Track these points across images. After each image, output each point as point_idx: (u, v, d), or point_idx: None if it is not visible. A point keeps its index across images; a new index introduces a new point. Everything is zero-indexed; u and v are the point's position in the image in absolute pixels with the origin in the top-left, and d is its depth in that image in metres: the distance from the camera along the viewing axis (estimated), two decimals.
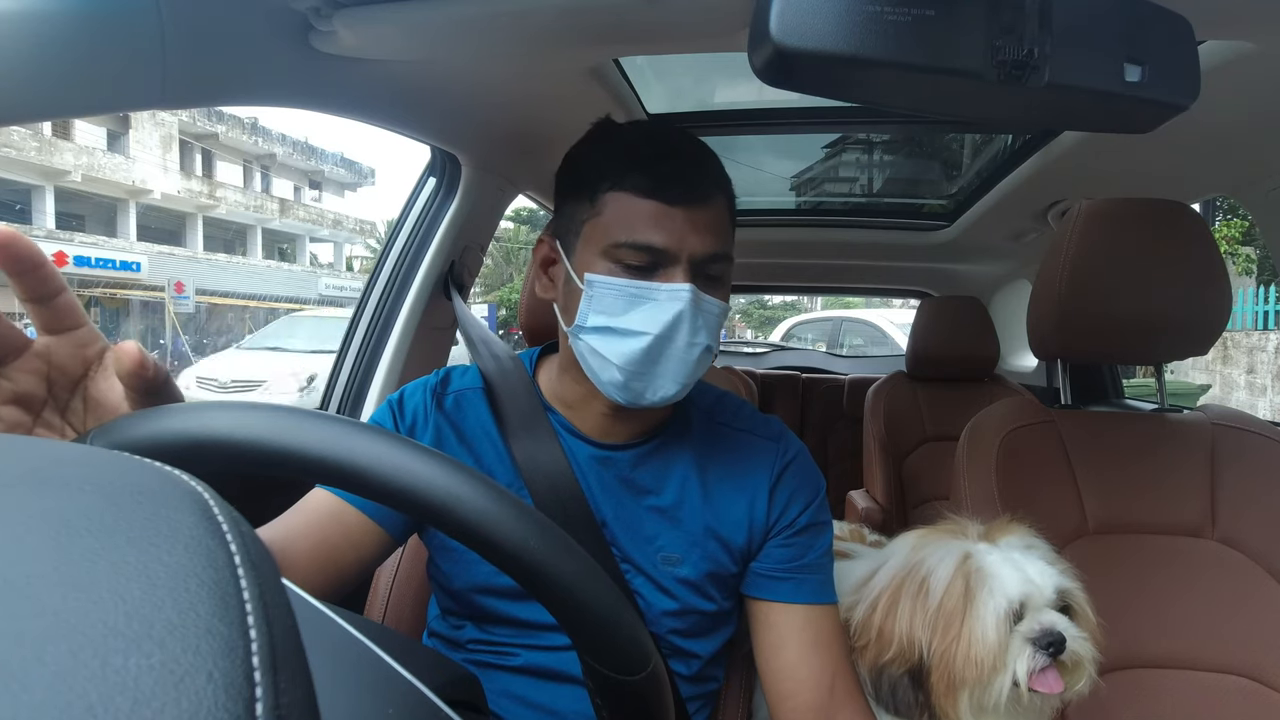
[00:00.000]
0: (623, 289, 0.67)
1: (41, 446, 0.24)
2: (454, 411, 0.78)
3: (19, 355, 0.41)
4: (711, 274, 0.70)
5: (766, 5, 0.46)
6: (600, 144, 0.73)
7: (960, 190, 1.98)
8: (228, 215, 19.01)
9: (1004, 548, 0.82)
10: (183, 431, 0.35)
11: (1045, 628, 0.75)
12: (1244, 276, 7.78)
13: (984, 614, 0.75)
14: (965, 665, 0.74)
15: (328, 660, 0.32)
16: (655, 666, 0.40)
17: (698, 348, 0.68)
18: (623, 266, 0.67)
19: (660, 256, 0.67)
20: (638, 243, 0.66)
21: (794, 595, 0.76)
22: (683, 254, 0.67)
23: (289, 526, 0.68)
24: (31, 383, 0.42)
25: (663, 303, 0.66)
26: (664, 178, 0.67)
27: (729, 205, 0.73)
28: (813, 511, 0.79)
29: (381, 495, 0.35)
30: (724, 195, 0.72)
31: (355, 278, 20.77)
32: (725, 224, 0.71)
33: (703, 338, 0.68)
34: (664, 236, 0.66)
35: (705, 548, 0.75)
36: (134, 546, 0.18)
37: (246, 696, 0.16)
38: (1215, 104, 0.92)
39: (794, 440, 0.82)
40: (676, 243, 0.66)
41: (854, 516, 2.03)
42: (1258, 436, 1.06)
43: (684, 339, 0.67)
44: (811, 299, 16.65)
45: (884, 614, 0.81)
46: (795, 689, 0.73)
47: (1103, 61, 0.50)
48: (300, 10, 0.78)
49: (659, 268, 0.67)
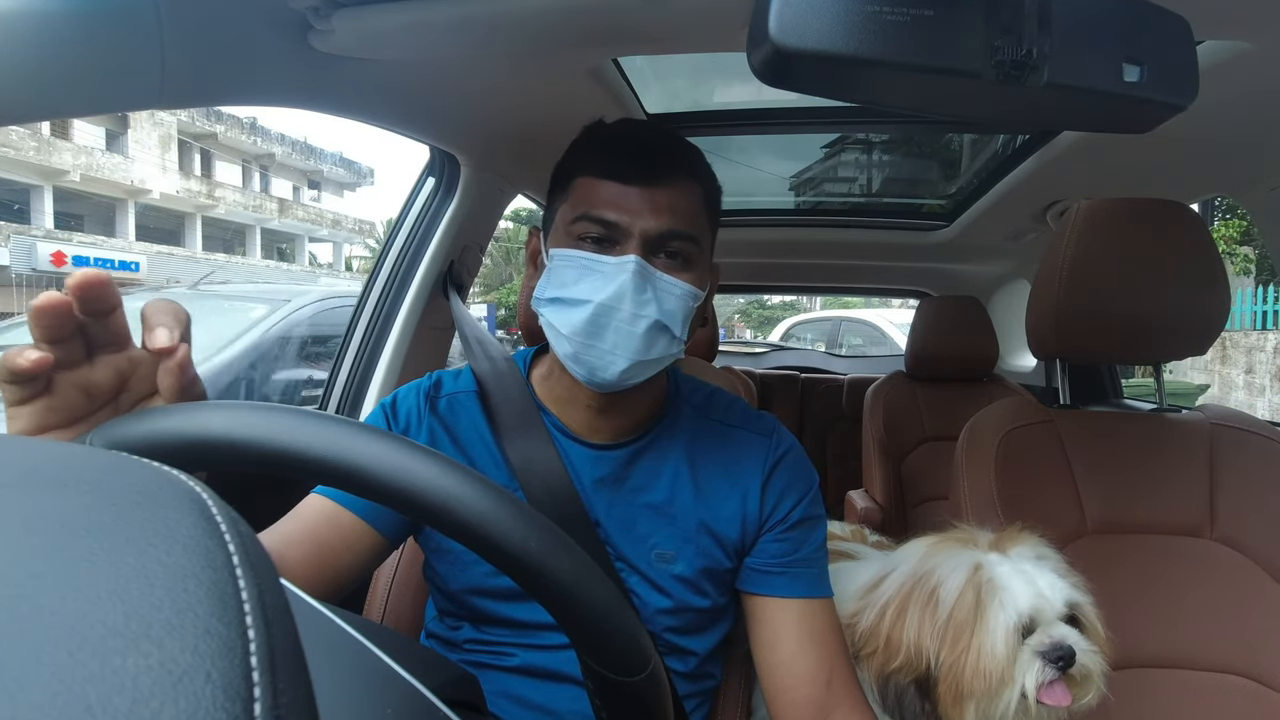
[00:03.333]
0: (575, 260, 0.69)
1: (41, 447, 0.24)
2: (447, 414, 0.78)
3: (115, 352, 0.42)
4: (672, 250, 0.70)
5: (765, 5, 0.46)
6: (580, 142, 0.76)
7: (959, 190, 1.98)
8: (227, 215, 19.00)
9: (1015, 558, 0.82)
10: (181, 432, 0.35)
11: (1055, 641, 0.75)
12: (1242, 276, 7.79)
13: (994, 627, 0.75)
14: (974, 677, 0.74)
15: (326, 660, 0.32)
16: (654, 667, 0.40)
17: (644, 320, 0.68)
18: (582, 241, 0.70)
19: (614, 231, 0.69)
20: (591, 215, 0.69)
21: (789, 590, 0.76)
22: (634, 229, 0.68)
23: (285, 532, 0.69)
24: (109, 378, 0.42)
25: (608, 274, 0.68)
26: (622, 159, 0.70)
27: (703, 193, 0.74)
28: (806, 506, 0.79)
29: (382, 496, 0.35)
30: (695, 181, 0.73)
31: (354, 278, 20.75)
32: (692, 207, 0.72)
33: (650, 310, 0.68)
34: (616, 212, 0.69)
35: (699, 544, 0.75)
36: (132, 546, 0.18)
37: (245, 696, 0.16)
38: (1214, 104, 0.92)
39: (786, 435, 0.82)
40: (629, 219, 0.68)
41: (853, 516, 2.04)
42: (1257, 436, 1.06)
43: (628, 309, 0.67)
44: (810, 299, 16.66)
45: (892, 622, 0.81)
46: (792, 683, 0.73)
47: (1101, 61, 0.50)
48: (299, 9, 0.78)
49: (614, 244, 0.69)
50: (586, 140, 0.75)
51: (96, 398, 0.42)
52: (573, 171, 0.73)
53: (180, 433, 0.35)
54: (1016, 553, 0.83)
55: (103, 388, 0.42)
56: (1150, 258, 1.01)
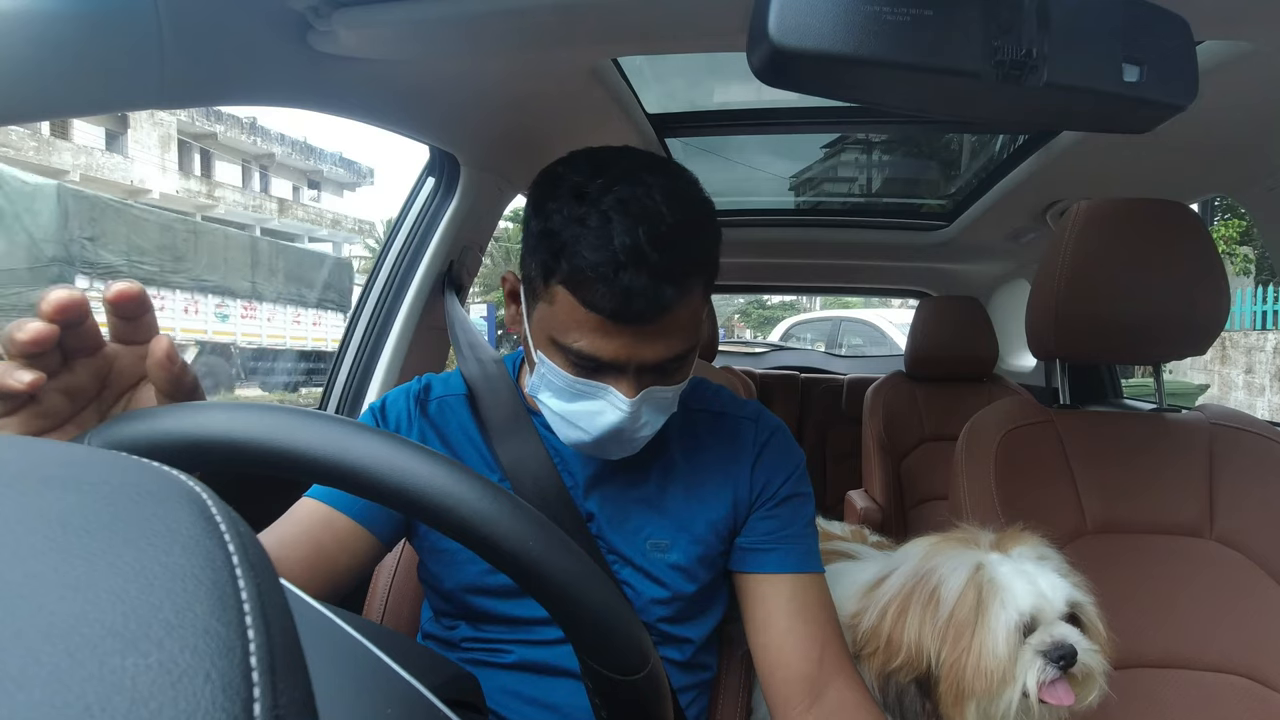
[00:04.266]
0: (568, 383, 0.66)
1: (39, 446, 0.24)
2: (437, 417, 0.79)
3: (90, 355, 0.42)
4: (669, 369, 0.67)
5: (765, 5, 0.46)
6: (563, 212, 0.62)
7: (959, 190, 1.98)
8: (226, 215, 18.96)
9: (1016, 558, 0.82)
10: (182, 431, 0.35)
11: (1057, 640, 0.76)
12: (1242, 276, 7.79)
13: (995, 626, 0.75)
14: (975, 676, 0.74)
15: (326, 661, 0.32)
16: (654, 666, 0.40)
17: (645, 432, 0.69)
18: (569, 361, 0.65)
19: (605, 366, 0.64)
20: (581, 352, 0.63)
21: (780, 565, 0.76)
22: (630, 365, 0.64)
23: (280, 535, 0.69)
24: (88, 379, 0.42)
25: (603, 411, 0.66)
26: (617, 301, 0.60)
27: (704, 289, 0.67)
28: (793, 483, 0.80)
29: (380, 495, 0.35)
30: (698, 287, 0.65)
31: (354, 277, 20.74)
32: (692, 320, 0.66)
33: (648, 429, 0.69)
34: (612, 349, 0.63)
35: (693, 531, 0.76)
36: (131, 546, 0.17)
37: (244, 697, 0.16)
38: (1213, 104, 0.92)
39: (770, 417, 0.83)
40: (625, 355, 0.63)
41: (853, 516, 2.04)
42: (1256, 436, 1.06)
43: (628, 434, 0.68)
44: (810, 299, 16.65)
45: (893, 622, 0.81)
46: (784, 659, 0.73)
47: (1101, 61, 0.50)
48: (298, 9, 0.78)
49: (605, 371, 0.65)
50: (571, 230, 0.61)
51: (79, 399, 0.43)
52: (552, 261, 0.62)
53: (181, 432, 0.35)
54: (1018, 553, 0.83)
55: (84, 389, 0.42)
56: (1150, 258, 1.01)
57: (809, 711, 0.71)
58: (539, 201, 0.65)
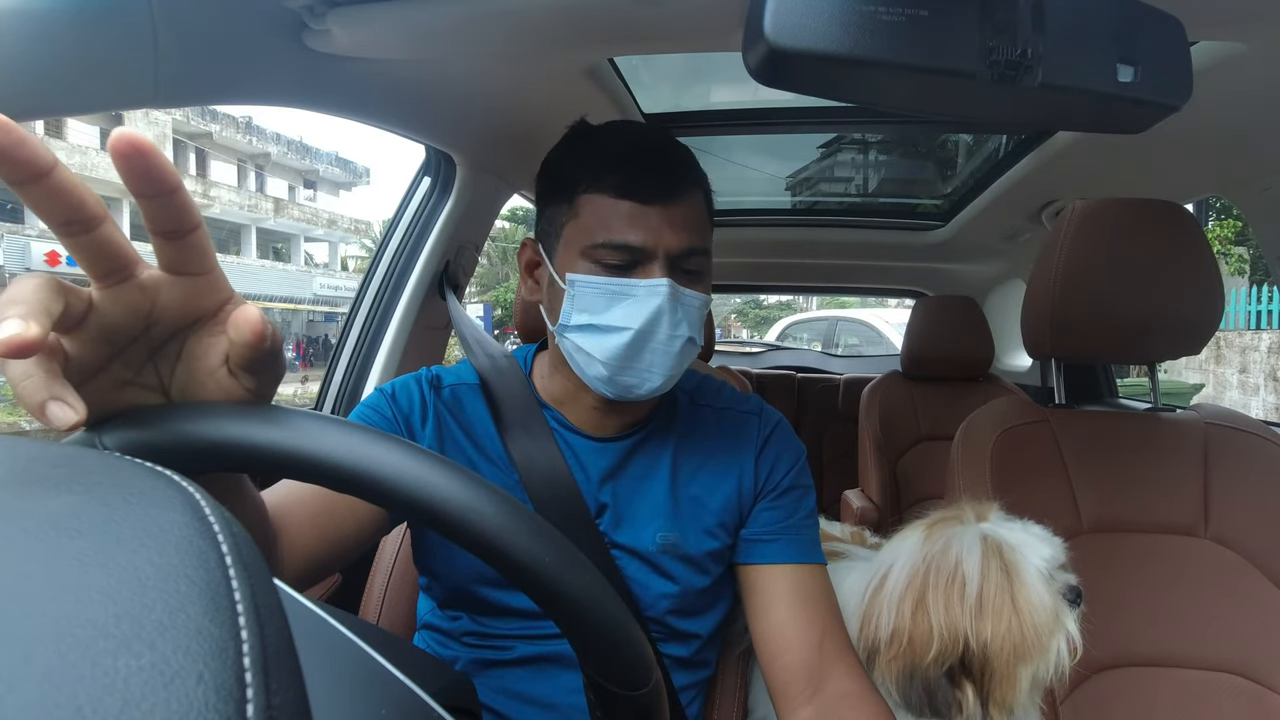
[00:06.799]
0: (603, 287, 0.69)
1: (32, 447, 0.24)
2: (451, 403, 0.79)
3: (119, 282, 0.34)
4: (689, 268, 0.72)
5: (760, 5, 0.46)
6: (575, 147, 0.75)
7: (955, 190, 1.98)
8: (222, 214, 18.93)
9: (1003, 522, 0.86)
10: (194, 434, 0.35)
11: (1070, 584, 0.81)
12: (1237, 276, 7.83)
13: (1031, 580, 0.79)
14: (1030, 634, 0.77)
15: (320, 662, 0.32)
16: (657, 682, 0.40)
17: (679, 339, 0.70)
18: (602, 265, 0.70)
19: (638, 254, 0.69)
20: (615, 242, 0.69)
21: (782, 555, 0.77)
22: (659, 250, 0.69)
23: (290, 489, 0.66)
24: (124, 316, 0.35)
25: (642, 298, 0.69)
26: (637, 177, 0.69)
27: (706, 200, 0.75)
28: (795, 474, 0.81)
29: (394, 504, 0.35)
30: (699, 190, 0.74)
31: (350, 277, 20.72)
32: (702, 219, 0.73)
33: (684, 329, 0.70)
34: (640, 234, 0.69)
35: (703, 524, 0.77)
36: (124, 547, 0.17)
37: (237, 698, 0.15)
38: (1208, 104, 0.92)
39: (773, 412, 0.85)
40: (653, 240, 0.69)
41: (849, 516, 2.04)
42: (1250, 436, 1.07)
43: (665, 331, 0.69)
44: (807, 299, 16.67)
45: (912, 615, 0.81)
46: (785, 647, 0.74)
47: (1096, 62, 0.50)
48: (293, 9, 0.78)
49: (637, 265, 0.70)
50: (583, 147, 0.74)
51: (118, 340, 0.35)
52: (575, 184, 0.71)
53: (189, 434, 0.35)
54: (996, 517, 0.87)
55: (121, 328, 0.35)
56: (1145, 258, 1.01)
57: (810, 702, 0.72)
58: (546, 167, 0.76)
